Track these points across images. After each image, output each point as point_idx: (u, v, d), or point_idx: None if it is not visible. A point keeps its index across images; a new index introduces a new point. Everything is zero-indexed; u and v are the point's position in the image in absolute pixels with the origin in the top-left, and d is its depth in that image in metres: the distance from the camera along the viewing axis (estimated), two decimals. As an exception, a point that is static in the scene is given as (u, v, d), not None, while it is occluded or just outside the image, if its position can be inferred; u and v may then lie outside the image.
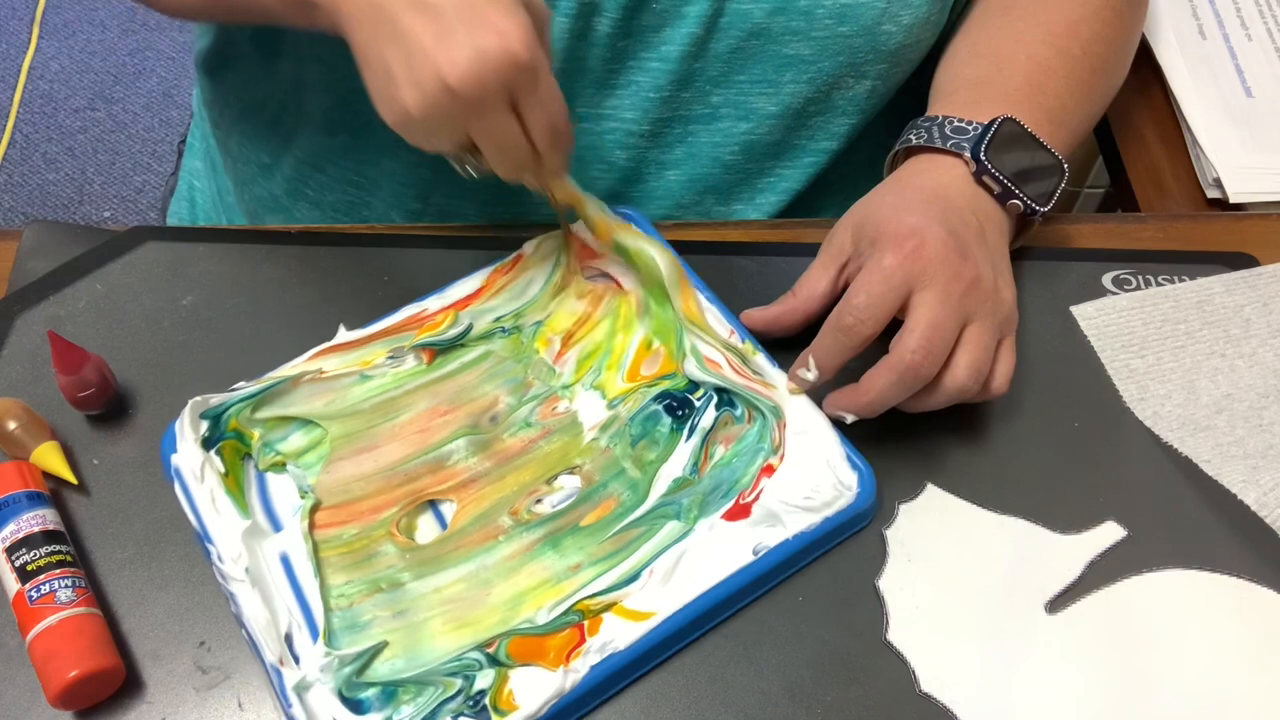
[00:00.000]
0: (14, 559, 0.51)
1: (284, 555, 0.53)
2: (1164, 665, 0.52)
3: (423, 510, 0.55)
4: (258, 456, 0.56)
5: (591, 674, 0.49)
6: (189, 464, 0.54)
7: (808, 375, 0.56)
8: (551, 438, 0.57)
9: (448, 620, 0.51)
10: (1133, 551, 0.55)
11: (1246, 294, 0.65)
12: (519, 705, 0.48)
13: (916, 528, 0.56)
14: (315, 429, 0.57)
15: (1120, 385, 0.62)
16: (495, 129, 0.51)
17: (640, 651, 0.50)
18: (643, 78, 0.69)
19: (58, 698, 0.48)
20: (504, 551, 0.53)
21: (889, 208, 0.57)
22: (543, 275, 0.62)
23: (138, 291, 0.63)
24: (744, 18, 0.65)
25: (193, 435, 0.54)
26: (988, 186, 0.59)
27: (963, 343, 0.55)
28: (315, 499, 0.54)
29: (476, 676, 0.49)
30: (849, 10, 0.65)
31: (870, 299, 0.54)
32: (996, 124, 0.60)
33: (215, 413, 0.55)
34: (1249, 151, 0.78)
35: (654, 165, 0.72)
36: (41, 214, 1.74)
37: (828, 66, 0.67)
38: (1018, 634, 0.53)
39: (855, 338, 0.54)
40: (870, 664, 0.52)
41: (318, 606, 0.51)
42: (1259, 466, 0.58)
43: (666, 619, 0.50)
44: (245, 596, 0.50)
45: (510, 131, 0.52)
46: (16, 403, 0.57)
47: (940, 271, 0.54)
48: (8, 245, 0.65)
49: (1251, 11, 0.88)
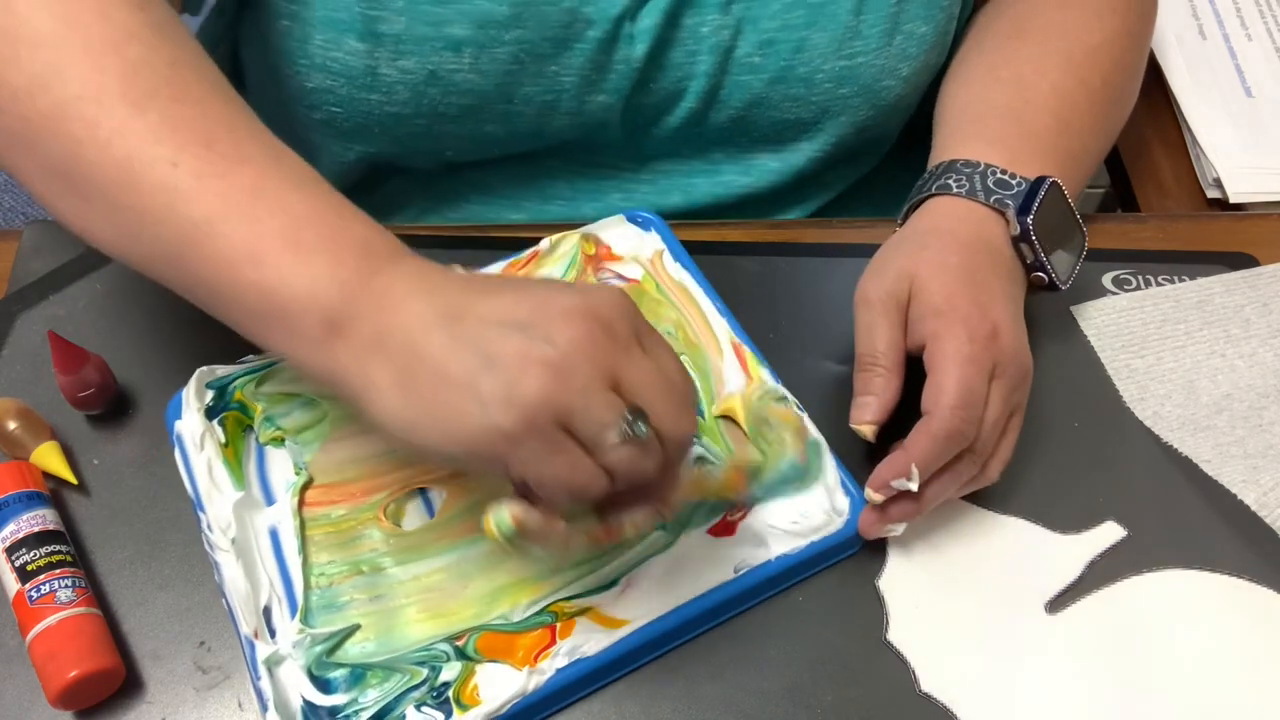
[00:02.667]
0: (14, 559, 0.51)
1: (273, 529, 0.53)
2: (1164, 665, 0.52)
3: (412, 497, 0.55)
4: (259, 430, 0.56)
5: (557, 676, 0.49)
6: (191, 431, 0.54)
7: (910, 485, 0.50)
8: None
9: (423, 609, 0.51)
10: (1133, 551, 0.55)
11: (1246, 294, 0.65)
12: (482, 700, 0.48)
13: (916, 528, 0.56)
14: (317, 407, 0.57)
15: (1120, 385, 0.62)
16: (644, 363, 0.42)
17: (610, 659, 0.50)
18: (644, 144, 0.69)
19: (58, 698, 0.48)
20: (486, 545, 0.53)
21: (954, 273, 0.54)
22: (558, 273, 0.62)
23: (138, 291, 0.63)
24: (744, 90, 0.65)
25: (197, 404, 0.55)
26: (1022, 253, 0.57)
27: (1006, 433, 0.54)
28: (308, 476, 0.55)
29: (443, 668, 0.49)
30: (848, 72, 0.64)
31: (972, 397, 0.50)
32: (1043, 188, 0.56)
33: (221, 383, 0.56)
34: (1249, 151, 0.78)
35: (651, 209, 0.72)
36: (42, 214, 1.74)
37: (830, 127, 0.67)
38: (1018, 634, 0.53)
39: (965, 441, 0.51)
40: (870, 664, 0.52)
41: (299, 583, 0.51)
42: (1259, 466, 0.58)
43: (639, 629, 0.50)
44: (229, 567, 0.51)
45: (653, 364, 0.42)
46: (16, 403, 0.57)
47: (1010, 364, 0.52)
48: (8, 245, 0.65)
49: (1251, 11, 0.88)
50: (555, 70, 0.62)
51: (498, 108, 0.63)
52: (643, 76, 0.64)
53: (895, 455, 0.51)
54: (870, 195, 0.76)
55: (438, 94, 0.62)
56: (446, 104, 0.62)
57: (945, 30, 0.67)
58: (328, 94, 0.63)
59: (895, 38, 0.64)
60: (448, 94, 0.62)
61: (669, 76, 0.64)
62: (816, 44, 0.63)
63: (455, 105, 0.63)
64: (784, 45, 0.63)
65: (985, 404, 0.52)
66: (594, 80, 0.63)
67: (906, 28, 0.64)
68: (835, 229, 0.69)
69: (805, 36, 0.63)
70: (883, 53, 0.64)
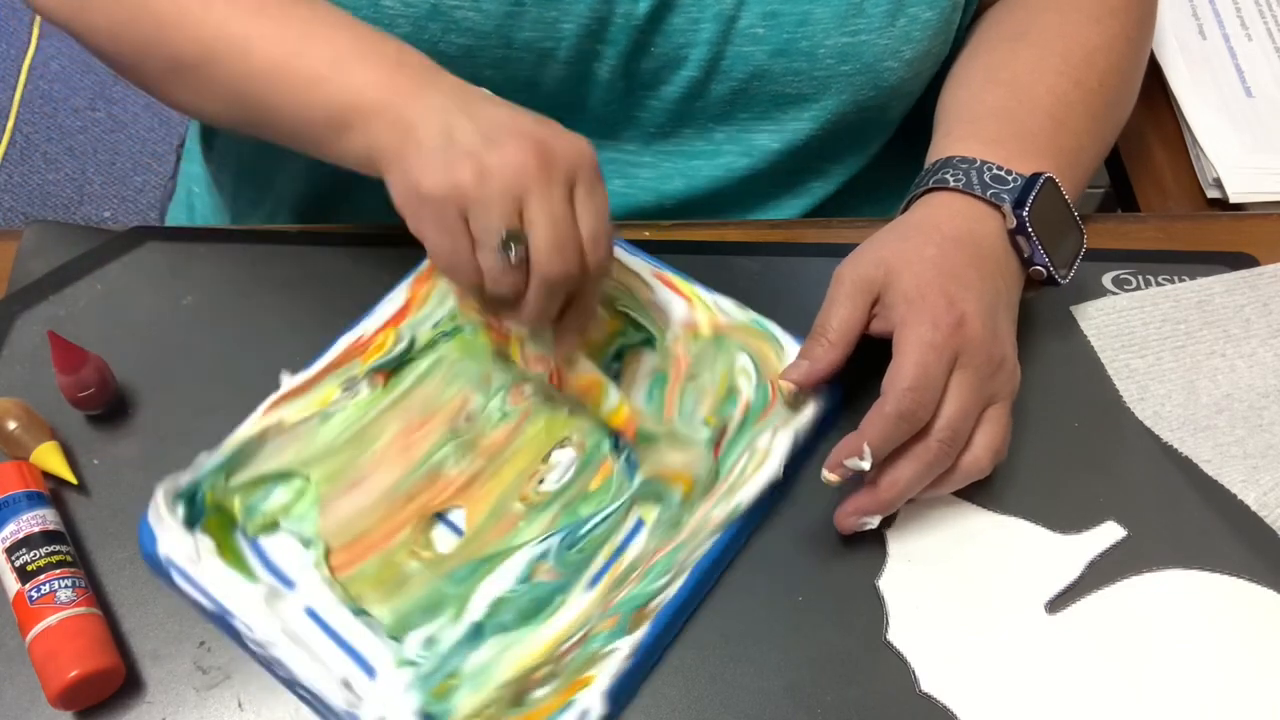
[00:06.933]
0: (14, 559, 0.51)
1: (309, 609, 0.51)
2: (1164, 665, 0.52)
3: (433, 525, 0.55)
4: (244, 523, 0.54)
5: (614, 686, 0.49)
6: (179, 551, 0.51)
7: (863, 465, 0.52)
8: (532, 419, 0.58)
9: (499, 644, 0.51)
10: (1133, 551, 0.55)
11: (1246, 294, 0.65)
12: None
13: (916, 528, 0.56)
14: (295, 480, 0.55)
15: (1120, 385, 0.62)
16: (555, 203, 0.50)
17: (651, 642, 0.51)
18: (643, 114, 0.69)
19: (58, 698, 0.48)
20: (526, 535, 0.54)
21: (929, 264, 0.55)
22: None
23: (138, 291, 0.63)
24: (745, 60, 0.65)
25: (173, 521, 0.52)
26: (1019, 246, 0.58)
27: (983, 423, 0.54)
28: (324, 545, 0.53)
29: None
30: (851, 49, 0.64)
31: (927, 380, 0.52)
32: (1039, 183, 0.57)
33: (189, 492, 0.53)
34: (1249, 151, 0.78)
35: (653, 194, 0.72)
36: (41, 214, 1.74)
37: (830, 104, 0.67)
38: (1018, 634, 0.53)
39: (917, 423, 0.52)
40: (870, 664, 0.52)
41: (365, 645, 0.50)
42: (1259, 466, 0.58)
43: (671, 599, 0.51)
44: (295, 655, 0.49)
45: (568, 211, 0.51)
46: (16, 403, 0.57)
47: (977, 353, 0.53)
48: (8, 245, 0.65)
49: (1251, 11, 0.88)
50: (555, 16, 0.63)
51: (496, 51, 0.64)
52: (643, 37, 0.64)
53: (849, 436, 0.52)
54: (871, 194, 0.76)
55: (438, 30, 0.62)
56: (446, 42, 0.63)
57: (950, 19, 0.67)
58: None
59: (899, 19, 0.64)
60: (447, 30, 0.62)
61: (670, 41, 0.64)
62: (820, 18, 0.63)
63: (454, 44, 0.63)
64: (787, 18, 0.63)
65: (944, 391, 0.52)
66: (594, 31, 0.63)
67: (911, 11, 0.64)
68: (835, 229, 0.69)
69: (809, 10, 0.63)
70: (885, 32, 0.64)
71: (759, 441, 0.56)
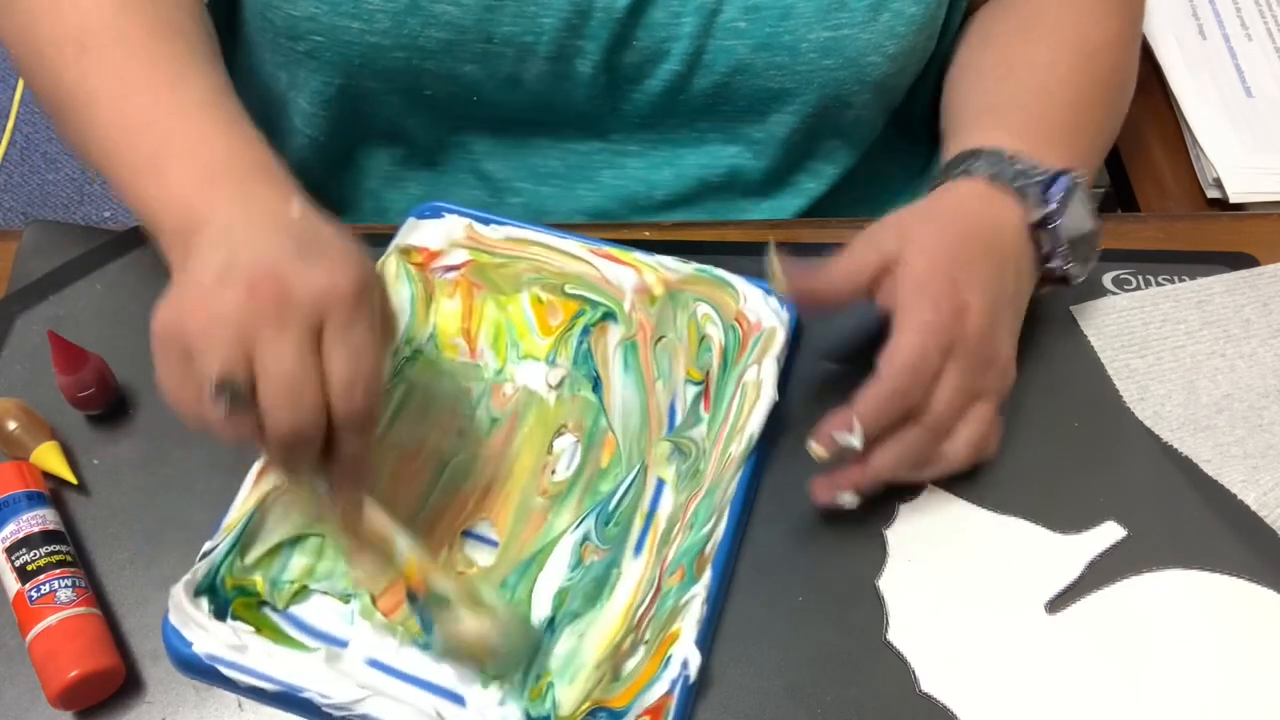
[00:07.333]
0: (14, 559, 0.51)
1: (370, 660, 0.50)
2: (1164, 665, 0.52)
3: (463, 543, 0.54)
4: (272, 597, 0.52)
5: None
6: (218, 645, 0.49)
7: (854, 441, 0.52)
8: (522, 417, 0.58)
9: (575, 631, 0.51)
10: (1133, 551, 0.55)
11: (1246, 294, 0.65)
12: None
13: (916, 528, 0.56)
14: (309, 540, 0.54)
15: (1120, 385, 0.62)
16: (285, 348, 0.44)
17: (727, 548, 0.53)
18: (626, 108, 0.69)
19: (58, 698, 0.48)
20: (560, 525, 0.54)
21: (945, 249, 0.54)
22: (405, 295, 0.62)
23: (138, 291, 0.63)
24: (727, 54, 0.65)
25: (202, 616, 0.50)
26: (1038, 241, 0.57)
27: (967, 419, 0.54)
28: (366, 594, 0.52)
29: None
30: (833, 44, 0.64)
31: (924, 362, 0.52)
32: (1068, 181, 0.57)
33: (207, 583, 0.51)
34: (1249, 151, 0.78)
35: (642, 185, 0.71)
36: (41, 214, 1.74)
37: (812, 99, 0.67)
38: (1018, 634, 0.53)
39: (910, 402, 0.52)
40: (870, 664, 0.52)
41: (443, 677, 0.50)
42: (1259, 466, 0.58)
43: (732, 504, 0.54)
44: (381, 707, 0.48)
45: (303, 357, 0.45)
46: (16, 403, 0.57)
47: (970, 346, 0.53)
48: (8, 245, 0.65)
49: (1251, 11, 0.88)
50: (535, 10, 0.63)
51: (476, 46, 0.64)
52: (624, 30, 0.64)
53: (840, 410, 0.52)
54: (865, 193, 0.76)
55: (417, 24, 0.62)
56: (426, 37, 0.63)
57: (935, 15, 0.67)
58: (310, 21, 0.64)
59: (882, 14, 0.64)
60: (427, 25, 0.62)
61: (651, 35, 0.64)
62: (802, 12, 0.63)
63: (434, 39, 0.63)
64: (769, 12, 0.63)
65: (939, 377, 0.52)
66: (574, 25, 0.63)
67: (895, 6, 0.64)
68: (835, 229, 0.69)
69: (791, 4, 0.63)
70: (868, 27, 0.64)
71: (746, 376, 0.58)
